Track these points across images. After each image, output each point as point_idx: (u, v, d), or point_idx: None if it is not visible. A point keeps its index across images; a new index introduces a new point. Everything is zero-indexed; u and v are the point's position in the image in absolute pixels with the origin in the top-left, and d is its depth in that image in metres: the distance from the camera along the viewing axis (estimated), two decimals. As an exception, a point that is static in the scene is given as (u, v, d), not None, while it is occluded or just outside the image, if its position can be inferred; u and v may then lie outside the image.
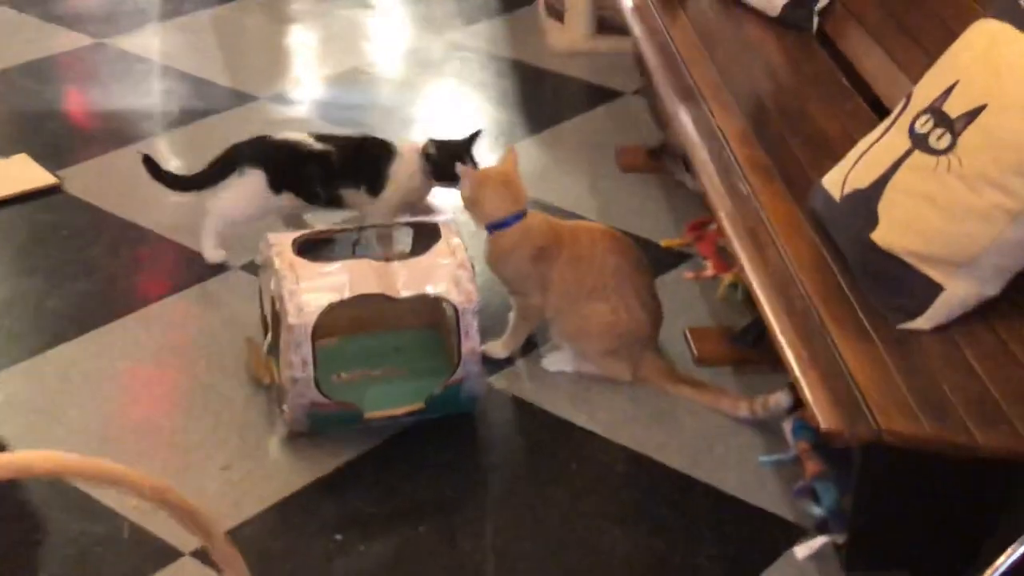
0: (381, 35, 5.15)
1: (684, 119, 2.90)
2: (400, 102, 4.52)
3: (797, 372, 2.07)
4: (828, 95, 3.06)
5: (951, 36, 2.73)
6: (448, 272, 2.79)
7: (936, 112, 2.31)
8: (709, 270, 3.46)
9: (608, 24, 4.82)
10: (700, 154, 2.73)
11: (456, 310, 2.76)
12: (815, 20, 3.44)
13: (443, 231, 2.89)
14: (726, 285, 3.33)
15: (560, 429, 2.89)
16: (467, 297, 2.77)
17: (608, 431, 2.88)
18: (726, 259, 3.43)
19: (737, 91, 3.05)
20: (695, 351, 3.09)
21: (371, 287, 2.74)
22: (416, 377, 2.98)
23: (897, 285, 2.27)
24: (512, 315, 3.07)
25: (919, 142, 2.31)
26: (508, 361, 3.09)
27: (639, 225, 3.64)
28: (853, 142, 2.79)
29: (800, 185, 2.63)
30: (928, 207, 2.25)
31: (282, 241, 2.84)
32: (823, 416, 1.97)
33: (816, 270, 2.34)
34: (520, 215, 2.97)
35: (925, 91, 2.40)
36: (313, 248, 2.90)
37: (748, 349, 3.11)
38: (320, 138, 3.35)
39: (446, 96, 4.60)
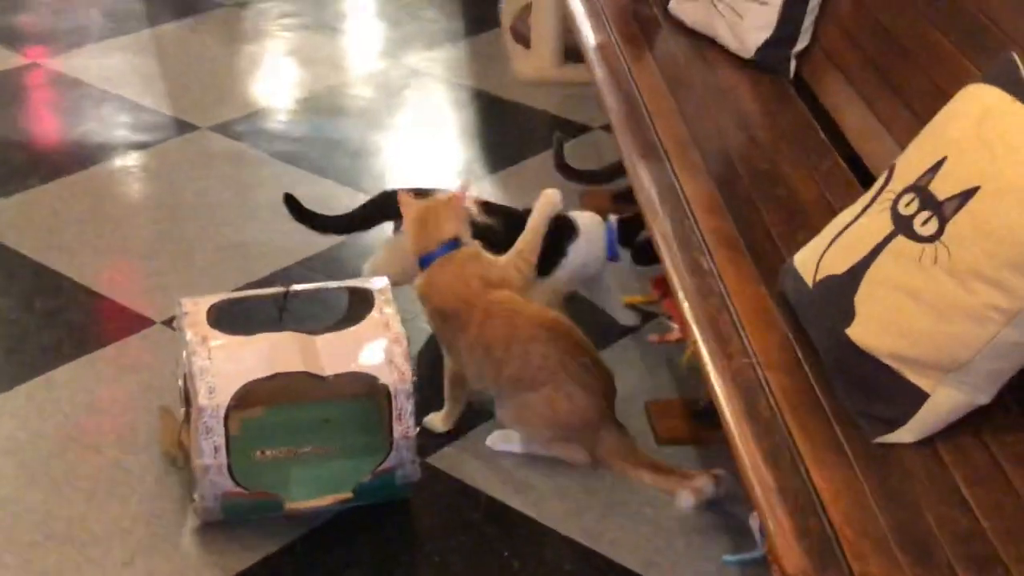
0: (337, 59, 4.87)
1: (645, 180, 2.63)
2: (352, 136, 4.24)
3: (760, 500, 1.80)
4: (804, 152, 2.79)
5: (940, 95, 2.48)
6: (380, 347, 2.51)
7: (922, 192, 2.04)
8: (675, 333, 3.19)
9: (577, 52, 4.53)
10: (661, 224, 2.45)
11: (388, 391, 2.49)
12: (792, 64, 3.17)
13: (376, 298, 2.61)
14: (691, 352, 3.06)
15: (504, 519, 2.62)
16: (400, 376, 2.49)
17: (557, 522, 2.61)
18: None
19: (705, 147, 2.77)
20: (655, 429, 2.82)
21: (293, 364, 2.47)
22: (347, 456, 2.70)
23: (876, 390, 2.00)
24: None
25: (903, 226, 2.04)
26: (450, 435, 2.81)
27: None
28: (830, 208, 2.55)
29: (770, 262, 2.36)
30: (912, 303, 1.98)
31: (196, 307, 2.56)
32: (787, 557, 1.70)
33: (785, 370, 2.06)
34: (426, 258, 2.74)
35: (909, 165, 2.13)
36: (233, 315, 2.62)
37: (711, 428, 2.83)
38: (486, 208, 3.05)
39: (401, 129, 4.32)
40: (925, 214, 2.02)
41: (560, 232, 3.00)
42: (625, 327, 3.23)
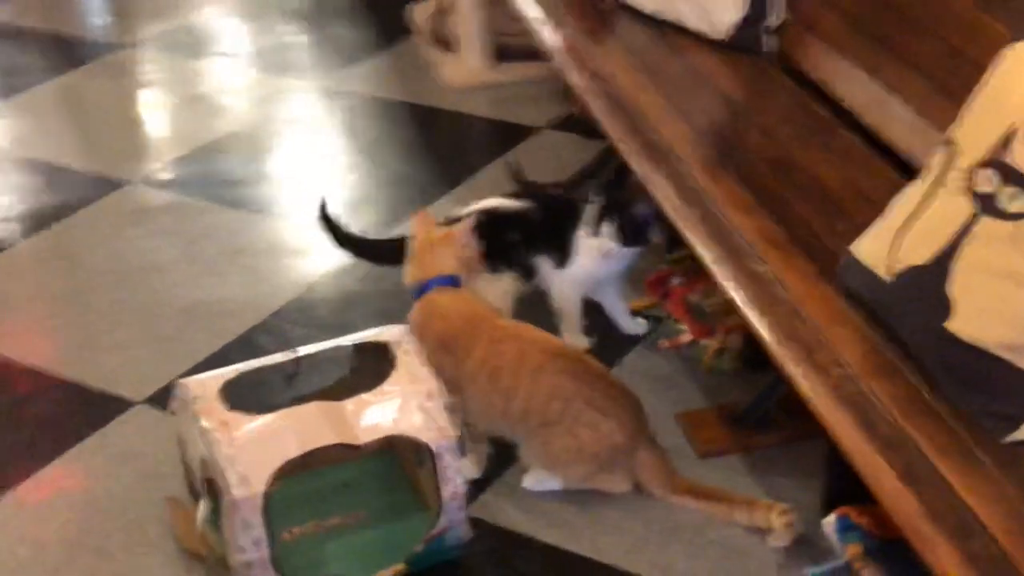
0: (249, 90, 4.62)
1: (663, 187, 2.46)
2: (291, 169, 4.01)
3: (910, 527, 1.65)
4: (809, 132, 2.66)
5: (956, 56, 2.36)
6: (413, 405, 2.32)
7: (1000, 166, 1.91)
8: (686, 335, 3.04)
9: (507, 52, 4.36)
10: (698, 232, 2.28)
11: (430, 451, 2.29)
12: (770, 41, 3.03)
13: (397, 352, 2.41)
14: (712, 353, 2.92)
15: (566, 565, 2.44)
16: (441, 433, 2.30)
17: (619, 559, 2.44)
18: (703, 320, 3.02)
19: (710, 142, 2.62)
20: (693, 443, 2.67)
21: (325, 437, 2.26)
22: (378, 521, 2.51)
23: (991, 386, 1.86)
24: None
25: (986, 206, 1.91)
26: (483, 481, 2.62)
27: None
28: (858, 190, 2.42)
29: (822, 257, 2.21)
30: (1014, 287, 1.85)
31: (204, 389, 2.34)
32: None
33: (885, 375, 1.92)
34: (422, 288, 2.60)
35: (974, 138, 1.99)
36: (244, 391, 2.40)
37: (755, 433, 2.69)
38: (523, 193, 3.01)
39: (343, 155, 4.11)
40: (1010, 189, 1.89)
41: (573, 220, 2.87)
42: (632, 336, 3.07)
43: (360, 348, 2.50)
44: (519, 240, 2.89)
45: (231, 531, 2.21)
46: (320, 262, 3.43)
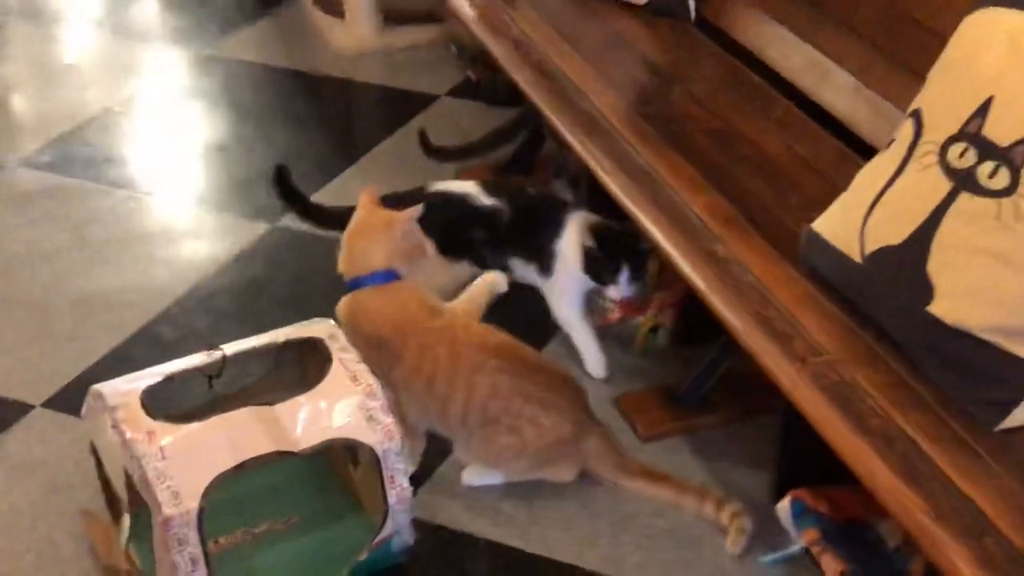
0: (128, 61, 4.37)
1: (604, 163, 2.34)
2: (181, 144, 3.79)
3: (917, 529, 1.57)
4: (746, 100, 2.57)
5: (900, 20, 2.28)
6: (353, 405, 2.17)
7: (976, 139, 1.83)
8: (614, 313, 2.93)
9: (397, 15, 4.19)
10: (651, 213, 2.17)
11: (375, 453, 2.15)
12: (692, 5, 2.92)
13: (332, 349, 2.26)
14: (645, 332, 2.82)
15: (515, 564, 2.33)
16: (386, 434, 2.16)
17: (570, 554, 2.34)
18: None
19: (644, 113, 2.51)
20: (636, 427, 2.57)
21: (262, 446, 2.10)
22: (312, 525, 2.37)
23: (978, 371, 1.79)
24: None
25: (964, 181, 1.83)
26: (418, 476, 2.49)
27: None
28: (804, 162, 2.34)
29: (781, 237, 2.12)
30: (1002, 266, 1.78)
31: (124, 398, 2.15)
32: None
33: (866, 363, 1.83)
34: (354, 283, 2.46)
35: (943, 110, 1.91)
36: (165, 396, 2.23)
37: (697, 414, 2.61)
38: (491, 188, 2.76)
39: (233, 126, 3.89)
40: (989, 165, 1.81)
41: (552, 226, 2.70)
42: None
43: (288, 345, 2.33)
44: (486, 239, 2.74)
45: (163, 550, 2.04)
46: (219, 246, 3.25)
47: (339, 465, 2.42)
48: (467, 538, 2.37)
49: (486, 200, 2.73)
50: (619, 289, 2.61)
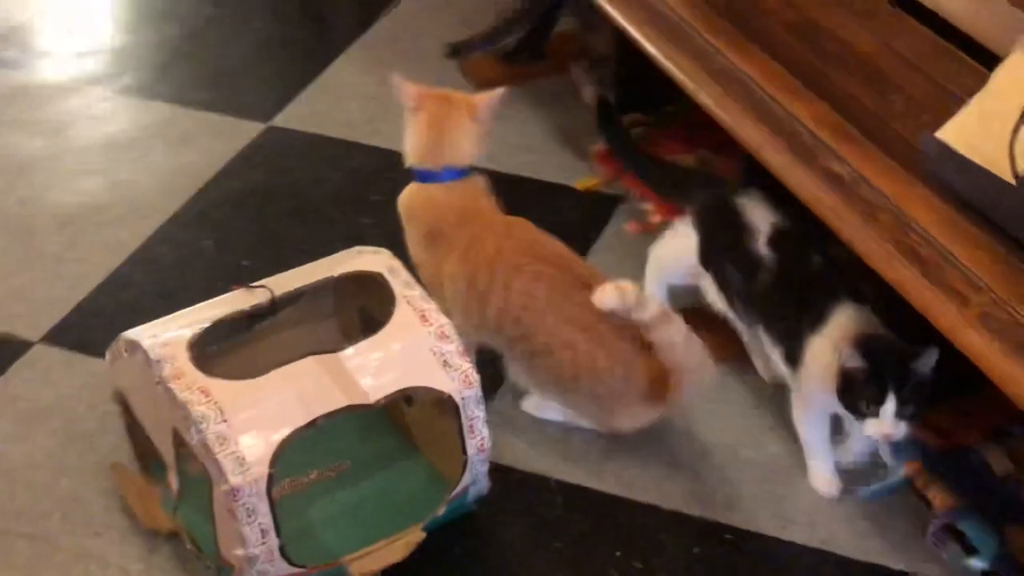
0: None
1: (682, 63, 2.10)
2: (148, 33, 3.47)
3: None
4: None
5: None
6: (426, 350, 1.95)
7: None
8: (655, 215, 2.73)
9: None
10: (747, 125, 1.94)
11: (453, 401, 1.94)
12: None
13: (393, 285, 2.03)
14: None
15: (593, 506, 2.15)
16: (464, 380, 1.95)
17: (650, 494, 2.16)
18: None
19: (714, 4, 2.26)
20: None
21: (333, 400, 1.88)
22: (364, 472, 2.16)
23: None
24: None
25: None
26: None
27: (531, 164, 2.86)
28: (902, 58, 2.12)
29: (898, 148, 1.91)
30: None
31: (168, 349, 1.91)
32: None
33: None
34: (427, 175, 2.22)
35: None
36: (208, 343, 2.00)
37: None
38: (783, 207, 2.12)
39: (197, 12, 3.57)
40: None
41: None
42: (598, 221, 2.73)
43: (344, 281, 2.09)
44: (741, 284, 2.19)
45: (228, 521, 1.83)
46: (211, 151, 2.97)
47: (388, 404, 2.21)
48: (537, 479, 2.19)
49: (764, 227, 2.12)
50: (880, 425, 1.93)
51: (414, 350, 1.95)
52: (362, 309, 2.23)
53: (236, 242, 2.70)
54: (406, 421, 2.21)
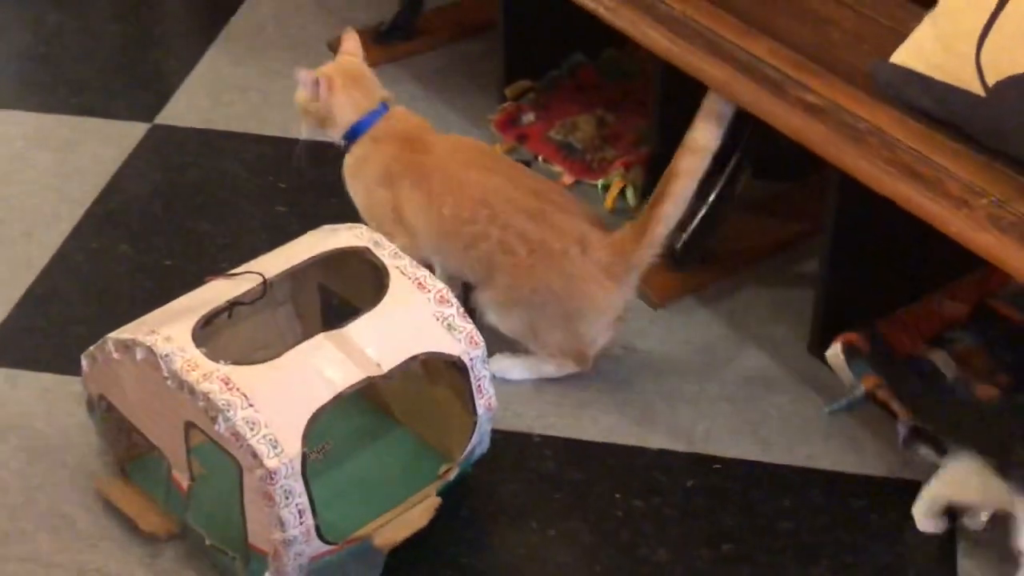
0: None
1: (634, 19, 2.17)
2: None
3: None
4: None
5: None
6: (428, 316, 1.97)
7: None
8: (566, 176, 2.80)
9: None
10: (717, 67, 2.02)
11: (462, 364, 1.97)
12: None
13: (382, 257, 2.03)
14: (614, 194, 2.70)
15: (578, 453, 2.21)
16: (471, 341, 1.97)
17: (632, 436, 2.23)
18: (576, 157, 2.80)
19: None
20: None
21: (352, 374, 1.88)
22: (351, 447, 2.16)
23: None
24: None
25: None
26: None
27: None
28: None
29: (851, 75, 2.03)
30: None
31: (173, 343, 1.87)
32: None
33: (1026, 200, 1.77)
34: (374, 113, 2.31)
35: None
36: (210, 334, 1.97)
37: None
38: None
39: (57, 36, 3.45)
40: None
41: None
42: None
43: (326, 258, 2.08)
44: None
45: (264, 506, 1.81)
46: (100, 156, 2.89)
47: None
48: (520, 436, 2.23)
49: None
50: None
51: (417, 317, 1.96)
52: (322, 288, 2.23)
53: (153, 243, 2.64)
54: (381, 395, 2.21)
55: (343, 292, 2.18)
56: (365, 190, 2.31)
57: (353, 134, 2.29)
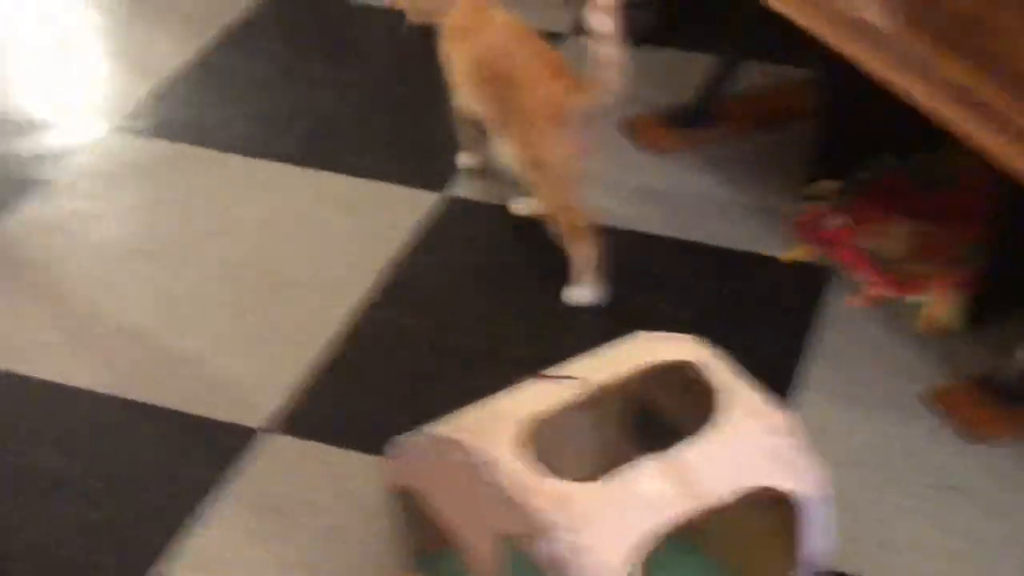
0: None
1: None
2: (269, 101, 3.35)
3: None
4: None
5: None
6: (767, 448, 1.84)
7: None
8: (873, 288, 2.64)
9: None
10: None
11: (798, 505, 1.83)
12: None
13: (712, 376, 1.91)
14: (932, 317, 2.53)
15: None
16: (813, 483, 1.84)
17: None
18: (889, 270, 2.64)
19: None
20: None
21: (680, 503, 1.76)
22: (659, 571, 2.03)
23: None
24: None
25: None
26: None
27: (722, 233, 2.76)
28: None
29: None
30: None
31: (499, 451, 1.78)
32: None
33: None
34: None
35: None
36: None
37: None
38: None
39: (328, 93, 3.45)
40: None
41: None
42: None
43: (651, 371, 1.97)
44: None
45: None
46: (390, 222, 2.83)
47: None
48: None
49: None
50: None
51: (754, 451, 1.83)
52: (642, 402, 2.12)
53: (447, 321, 2.57)
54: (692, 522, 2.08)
55: (665, 407, 2.06)
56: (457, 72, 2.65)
57: None
